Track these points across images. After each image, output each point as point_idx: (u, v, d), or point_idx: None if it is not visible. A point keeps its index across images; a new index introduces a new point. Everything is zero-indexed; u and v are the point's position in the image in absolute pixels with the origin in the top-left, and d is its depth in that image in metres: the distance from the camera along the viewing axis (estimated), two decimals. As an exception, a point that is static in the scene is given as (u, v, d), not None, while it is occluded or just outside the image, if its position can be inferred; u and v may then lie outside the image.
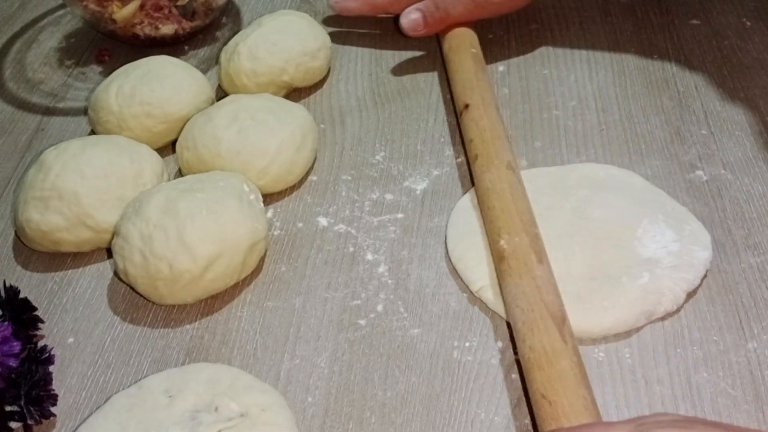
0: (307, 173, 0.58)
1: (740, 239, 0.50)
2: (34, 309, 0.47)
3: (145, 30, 0.69)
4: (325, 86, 0.66)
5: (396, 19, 0.69)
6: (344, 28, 0.73)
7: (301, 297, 0.49)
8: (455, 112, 0.60)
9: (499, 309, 0.47)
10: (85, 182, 0.51)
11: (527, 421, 0.42)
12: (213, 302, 0.49)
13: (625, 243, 0.49)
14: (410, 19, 0.66)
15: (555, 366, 0.40)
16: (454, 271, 0.50)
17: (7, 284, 0.47)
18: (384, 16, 0.72)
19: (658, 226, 0.50)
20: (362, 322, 0.48)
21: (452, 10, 0.65)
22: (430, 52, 0.69)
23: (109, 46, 0.72)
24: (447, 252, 0.51)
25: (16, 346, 0.43)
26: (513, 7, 0.68)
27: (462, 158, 0.58)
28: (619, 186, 0.53)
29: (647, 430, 0.32)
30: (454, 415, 0.42)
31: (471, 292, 0.49)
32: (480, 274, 0.48)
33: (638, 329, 0.46)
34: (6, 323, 0.44)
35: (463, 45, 0.63)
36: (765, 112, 0.60)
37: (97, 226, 0.51)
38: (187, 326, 0.48)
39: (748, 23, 0.69)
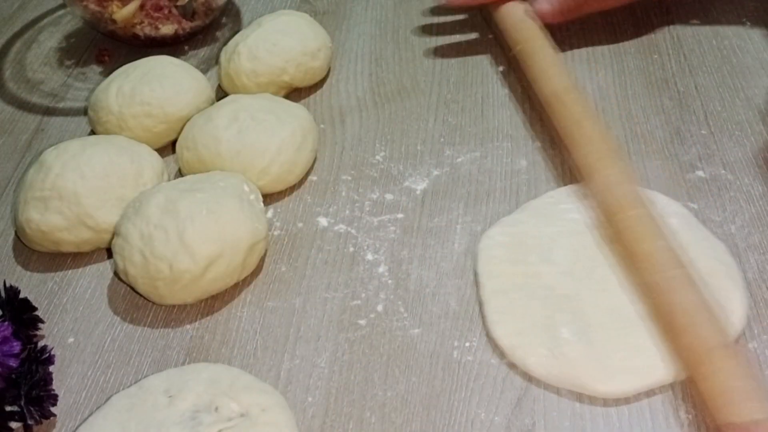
0: (307, 173, 0.58)
1: (740, 239, 0.50)
2: (34, 309, 0.47)
3: (145, 30, 0.69)
4: (325, 86, 0.66)
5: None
6: (344, 28, 0.73)
7: (301, 297, 0.49)
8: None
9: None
10: (85, 182, 0.51)
11: (527, 420, 0.42)
12: (213, 302, 0.49)
13: None
14: (542, 7, 0.63)
15: None
16: (455, 271, 0.50)
17: (8, 284, 0.47)
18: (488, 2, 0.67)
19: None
20: (362, 322, 0.48)
21: None
22: (430, 52, 0.69)
23: (109, 47, 0.72)
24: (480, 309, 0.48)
25: (17, 346, 0.43)
26: None
27: (462, 158, 0.58)
28: None
29: None
30: (454, 415, 0.42)
31: (475, 292, 0.49)
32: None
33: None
34: (6, 323, 0.44)
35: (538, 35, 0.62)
36: (765, 112, 0.60)
37: (97, 226, 0.51)
38: (187, 326, 0.48)
39: (748, 23, 0.69)
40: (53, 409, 0.43)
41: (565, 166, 0.56)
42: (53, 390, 0.44)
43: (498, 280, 0.48)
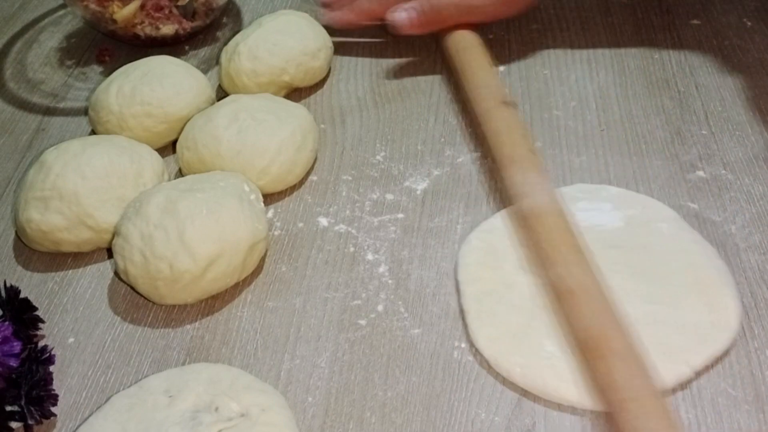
0: (308, 173, 0.58)
1: (740, 239, 0.50)
2: (35, 309, 0.47)
3: (146, 30, 0.69)
4: (325, 86, 0.66)
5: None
6: (344, 28, 0.72)
7: (302, 297, 0.49)
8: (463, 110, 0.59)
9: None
10: (85, 182, 0.51)
11: (527, 420, 0.42)
12: (213, 302, 0.49)
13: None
14: (400, 16, 0.64)
15: None
16: (455, 271, 0.50)
17: (8, 284, 0.47)
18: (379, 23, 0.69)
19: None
20: (362, 322, 0.48)
21: (444, 12, 0.64)
22: (430, 52, 0.69)
23: (109, 46, 0.72)
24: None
25: (17, 346, 0.43)
26: (500, 15, 0.67)
27: (462, 158, 0.58)
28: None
29: None
30: (454, 415, 0.42)
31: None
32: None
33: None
34: (6, 323, 0.44)
35: (474, 45, 0.63)
36: (765, 112, 0.60)
37: (97, 226, 0.51)
38: (188, 326, 0.48)
39: (749, 23, 0.69)
40: (53, 409, 0.43)
41: (562, 170, 0.56)
42: (53, 390, 0.44)
43: (476, 286, 0.48)
